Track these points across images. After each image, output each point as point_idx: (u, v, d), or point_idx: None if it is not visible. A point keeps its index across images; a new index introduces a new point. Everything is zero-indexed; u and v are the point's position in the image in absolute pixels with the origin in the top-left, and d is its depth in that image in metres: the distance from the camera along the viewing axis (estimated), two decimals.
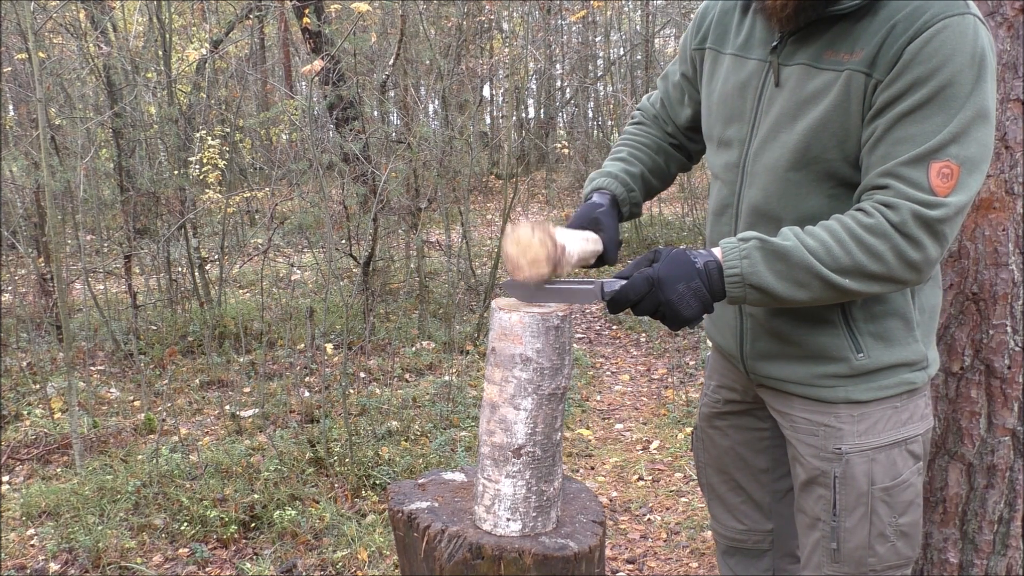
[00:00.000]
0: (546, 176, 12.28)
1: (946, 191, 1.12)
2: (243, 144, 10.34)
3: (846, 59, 1.21)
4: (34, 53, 3.67)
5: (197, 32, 10.28)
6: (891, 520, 1.33)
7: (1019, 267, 1.72)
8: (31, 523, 3.11)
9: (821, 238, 1.16)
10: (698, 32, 1.49)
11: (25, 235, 5.92)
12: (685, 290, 1.18)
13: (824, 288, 1.17)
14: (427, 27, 7.14)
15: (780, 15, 1.24)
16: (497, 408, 1.22)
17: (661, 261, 1.21)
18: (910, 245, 1.13)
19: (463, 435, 3.87)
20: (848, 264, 1.15)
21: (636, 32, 12.15)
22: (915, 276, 1.17)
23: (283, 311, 5.71)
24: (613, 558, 2.86)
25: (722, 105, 1.40)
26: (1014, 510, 1.78)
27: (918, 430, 1.37)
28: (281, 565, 2.80)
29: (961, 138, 1.12)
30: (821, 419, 1.36)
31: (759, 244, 1.18)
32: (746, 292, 1.19)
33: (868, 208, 1.16)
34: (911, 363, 1.35)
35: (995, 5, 1.69)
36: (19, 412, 4.25)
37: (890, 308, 1.32)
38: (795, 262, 1.16)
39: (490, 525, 1.24)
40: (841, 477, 1.33)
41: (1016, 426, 1.75)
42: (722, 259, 1.20)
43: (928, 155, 1.12)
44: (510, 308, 1.21)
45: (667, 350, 5.45)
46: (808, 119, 1.25)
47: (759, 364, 1.43)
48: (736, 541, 1.65)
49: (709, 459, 1.65)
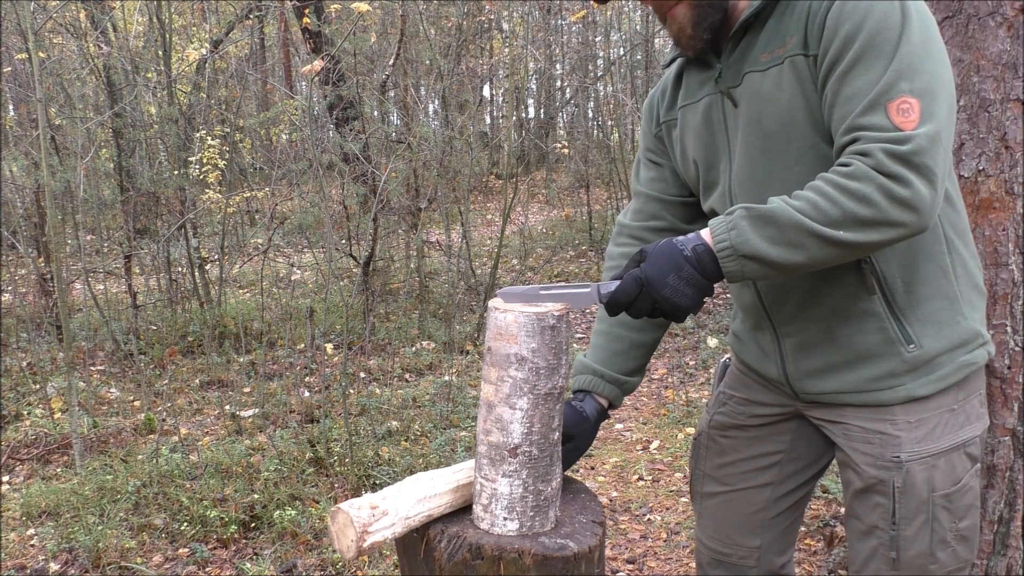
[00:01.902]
0: (546, 176, 12.29)
1: (912, 124, 1.10)
2: (243, 144, 10.34)
3: (781, 52, 1.25)
4: (34, 53, 3.67)
5: (197, 32, 10.28)
6: (951, 526, 1.30)
7: (1019, 267, 1.72)
8: (31, 523, 3.11)
9: (806, 196, 1.14)
10: (652, 118, 1.55)
11: (25, 235, 5.92)
12: (676, 281, 1.16)
13: (820, 245, 1.13)
14: (427, 27, 7.14)
15: (683, 35, 1.31)
16: (493, 407, 1.22)
17: (647, 258, 1.19)
18: (894, 183, 1.09)
19: (463, 435, 3.87)
20: (838, 215, 1.11)
21: (636, 32, 12.15)
22: (912, 216, 1.11)
23: (283, 311, 5.71)
24: (613, 558, 2.86)
25: (697, 143, 1.42)
26: (1014, 510, 1.78)
27: (975, 431, 1.33)
28: (281, 565, 2.80)
29: (907, 73, 1.12)
30: (877, 426, 1.32)
31: (745, 212, 1.16)
32: (741, 265, 1.16)
33: (844, 160, 1.14)
34: (965, 343, 1.30)
35: (995, 5, 1.69)
36: (19, 412, 4.25)
37: (932, 290, 1.29)
38: (784, 223, 1.13)
39: (487, 524, 1.24)
40: (901, 486, 1.29)
41: (1016, 426, 1.75)
42: (711, 238, 1.17)
43: (880, 98, 1.12)
44: (506, 308, 1.21)
45: (667, 350, 5.45)
46: (776, 114, 1.26)
47: (808, 383, 1.38)
48: (721, 555, 1.61)
49: (711, 468, 1.60)
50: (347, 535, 1.17)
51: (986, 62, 1.71)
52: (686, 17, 1.30)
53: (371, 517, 1.18)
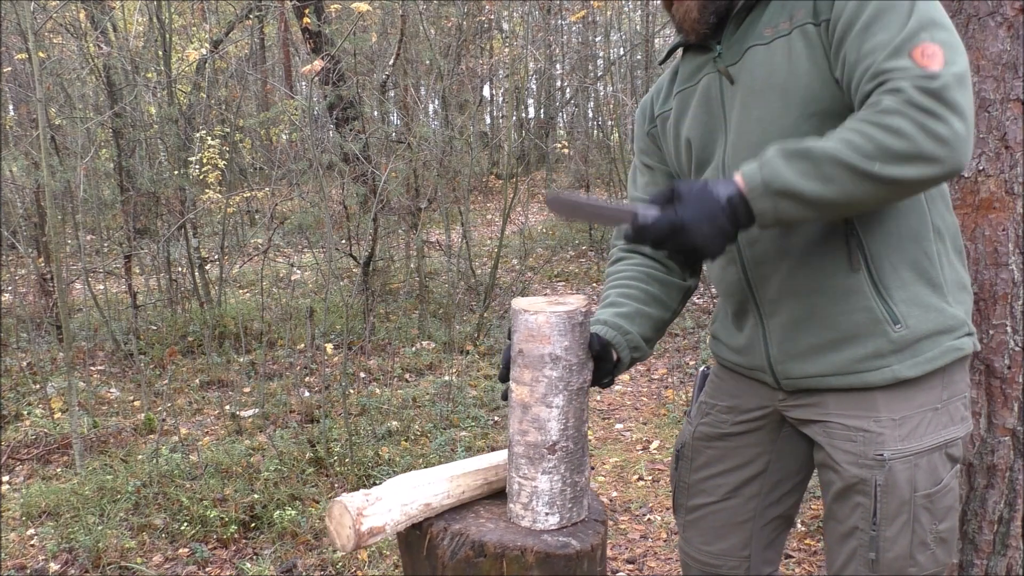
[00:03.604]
0: (546, 176, 12.29)
1: (939, 65, 1.09)
2: (243, 144, 10.35)
3: (787, 25, 1.26)
4: (34, 53, 3.67)
5: (197, 32, 10.28)
6: (932, 527, 1.30)
7: (1019, 267, 1.72)
8: (31, 523, 3.12)
9: (839, 135, 1.13)
10: (645, 117, 1.55)
11: (25, 235, 5.93)
12: (710, 230, 1.15)
13: (854, 179, 1.10)
14: (427, 27, 7.14)
15: (689, 19, 1.33)
16: (529, 408, 1.24)
17: (684, 202, 1.16)
18: (927, 117, 1.08)
19: (463, 435, 3.88)
20: (871, 148, 1.09)
21: (636, 32, 12.15)
22: (947, 152, 1.08)
23: (283, 311, 5.72)
24: (613, 558, 2.86)
25: (693, 122, 1.41)
26: (1014, 510, 1.79)
27: (958, 433, 1.32)
28: (281, 565, 2.80)
29: (928, 25, 1.13)
30: (859, 423, 1.31)
31: (778, 150, 1.15)
32: (775, 203, 1.13)
33: (874, 99, 1.12)
34: (951, 328, 1.30)
35: (995, 5, 1.69)
36: (19, 412, 4.25)
37: (916, 274, 1.29)
38: (818, 156, 1.11)
39: (529, 521, 1.26)
40: (883, 485, 1.28)
41: (1016, 426, 1.76)
42: (742, 181, 1.16)
43: (905, 44, 1.12)
44: (535, 309, 1.22)
45: (667, 350, 5.45)
46: (778, 83, 1.27)
47: (792, 366, 1.37)
48: (710, 567, 1.59)
49: (697, 480, 1.58)
50: (344, 524, 1.18)
51: (986, 62, 1.72)
52: (694, 3, 1.32)
53: (365, 502, 1.19)
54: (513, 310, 1.25)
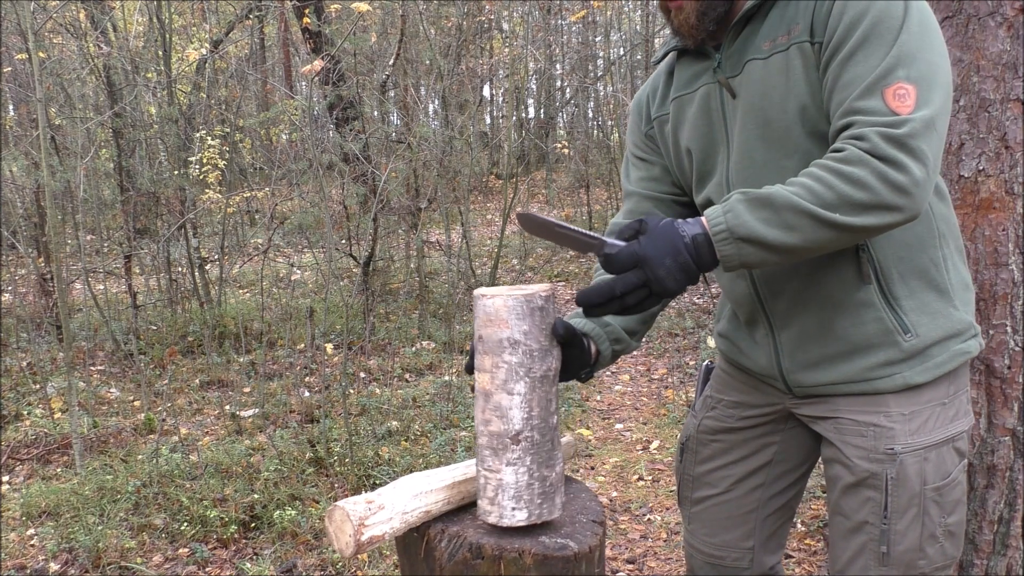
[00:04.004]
0: (546, 176, 12.30)
1: (908, 109, 1.12)
2: (243, 144, 10.35)
3: (785, 40, 1.26)
4: (34, 53, 3.67)
5: (197, 32, 10.28)
6: (941, 520, 1.31)
7: (1019, 267, 1.72)
8: (31, 523, 3.12)
9: (801, 182, 1.15)
10: (641, 117, 1.54)
11: (25, 235, 5.93)
12: (672, 264, 1.16)
13: (816, 227, 1.12)
14: (427, 27, 7.14)
15: (686, 26, 1.31)
16: (491, 396, 1.21)
17: (647, 235, 1.18)
18: (889, 167, 1.10)
19: (463, 435, 3.88)
20: (833, 198, 1.11)
21: (636, 32, 12.15)
22: (907, 200, 1.12)
23: (283, 311, 5.72)
24: (613, 558, 2.86)
25: (692, 133, 1.41)
26: (1014, 510, 1.78)
27: (964, 426, 1.35)
28: (281, 565, 2.80)
29: (905, 60, 1.14)
30: (870, 419, 1.33)
31: (741, 196, 1.16)
32: (738, 248, 1.15)
33: (838, 146, 1.15)
34: (959, 332, 1.32)
35: (995, 5, 1.69)
36: (19, 412, 4.25)
37: (924, 281, 1.30)
38: (780, 205, 1.13)
39: (495, 517, 1.22)
40: (895, 478, 1.30)
41: (1016, 426, 1.76)
42: (707, 224, 1.17)
43: (877, 83, 1.14)
44: (492, 294, 1.20)
45: (667, 350, 5.45)
46: (777, 101, 1.27)
47: (804, 375, 1.38)
48: (714, 558, 1.60)
49: (701, 472, 1.60)
50: (344, 531, 1.17)
51: (986, 62, 1.71)
52: (692, 8, 1.31)
53: (367, 511, 1.18)
54: (474, 296, 1.23)
